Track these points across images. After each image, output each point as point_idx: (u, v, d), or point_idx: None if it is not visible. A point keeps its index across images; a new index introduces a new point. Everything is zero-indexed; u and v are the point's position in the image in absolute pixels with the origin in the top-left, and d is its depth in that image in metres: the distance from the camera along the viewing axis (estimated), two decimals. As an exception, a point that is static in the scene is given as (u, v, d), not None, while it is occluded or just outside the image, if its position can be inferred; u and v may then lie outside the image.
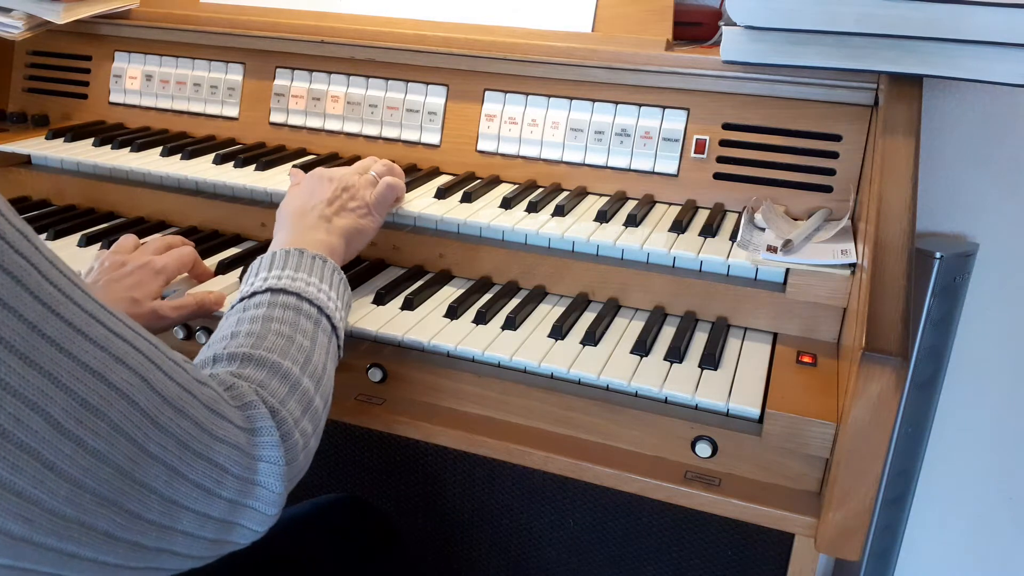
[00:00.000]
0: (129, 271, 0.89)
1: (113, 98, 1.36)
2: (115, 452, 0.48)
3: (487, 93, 1.16)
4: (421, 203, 1.05)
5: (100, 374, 0.47)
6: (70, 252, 1.08)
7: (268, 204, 1.14)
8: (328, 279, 0.78)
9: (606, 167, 1.12)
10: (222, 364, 0.65)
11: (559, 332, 0.90)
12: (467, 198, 1.05)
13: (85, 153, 1.19)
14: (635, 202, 1.08)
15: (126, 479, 0.49)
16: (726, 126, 1.06)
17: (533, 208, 1.03)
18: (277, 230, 0.88)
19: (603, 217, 1.01)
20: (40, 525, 0.45)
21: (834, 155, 1.02)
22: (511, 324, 0.91)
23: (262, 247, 1.11)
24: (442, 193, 1.06)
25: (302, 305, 0.73)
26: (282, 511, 0.99)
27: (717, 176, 1.07)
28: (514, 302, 0.97)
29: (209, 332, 0.98)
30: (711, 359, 0.85)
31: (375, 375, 0.91)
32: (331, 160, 1.19)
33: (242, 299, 0.74)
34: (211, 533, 0.57)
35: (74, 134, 1.25)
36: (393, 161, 1.19)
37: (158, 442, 0.51)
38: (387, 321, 0.91)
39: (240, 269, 1.04)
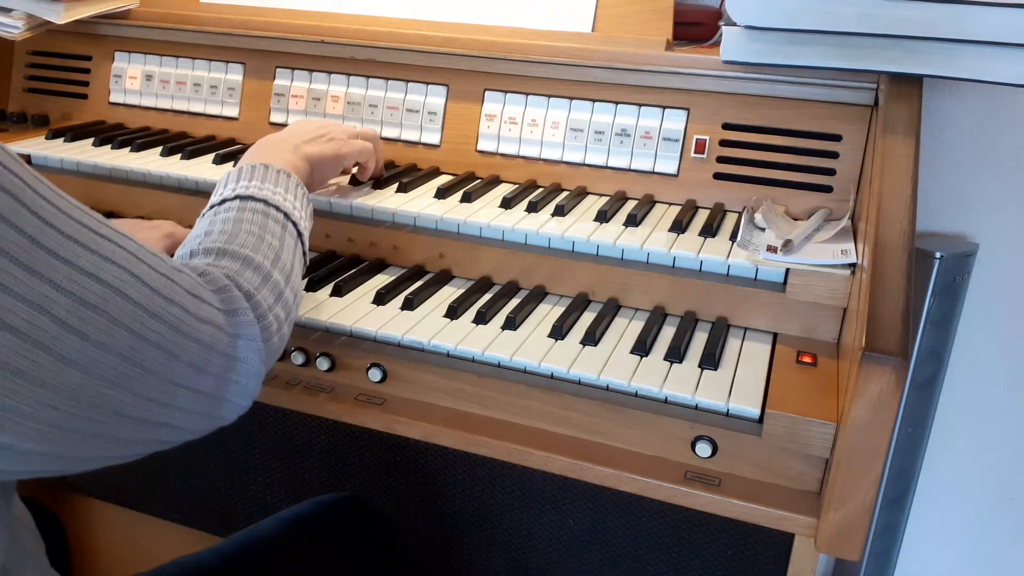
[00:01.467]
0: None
1: (113, 98, 1.37)
2: (116, 342, 0.53)
3: (487, 93, 1.16)
4: (421, 203, 1.05)
5: (94, 275, 0.52)
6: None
7: (268, 204, 1.14)
8: (293, 191, 0.82)
9: (606, 167, 1.12)
10: (198, 258, 0.69)
11: (559, 332, 0.90)
12: (467, 198, 1.05)
13: (85, 153, 1.19)
14: (635, 202, 1.08)
15: (128, 364, 0.54)
16: (726, 126, 1.06)
17: (533, 208, 1.03)
18: (248, 153, 0.91)
19: (603, 217, 1.01)
20: (63, 411, 0.51)
21: (834, 155, 1.02)
22: (511, 324, 0.91)
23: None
24: (442, 193, 1.06)
25: (269, 210, 0.76)
26: (280, 514, 1.00)
27: (717, 176, 1.07)
28: (514, 302, 0.97)
29: None
30: (711, 359, 0.85)
31: (375, 375, 0.91)
32: (331, 160, 1.19)
33: (211, 207, 0.78)
34: (203, 408, 0.62)
35: (74, 134, 1.25)
36: (393, 161, 1.20)
37: (154, 329, 0.56)
38: (387, 321, 0.91)
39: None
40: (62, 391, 0.51)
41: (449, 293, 1.00)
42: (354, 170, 1.08)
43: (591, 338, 0.89)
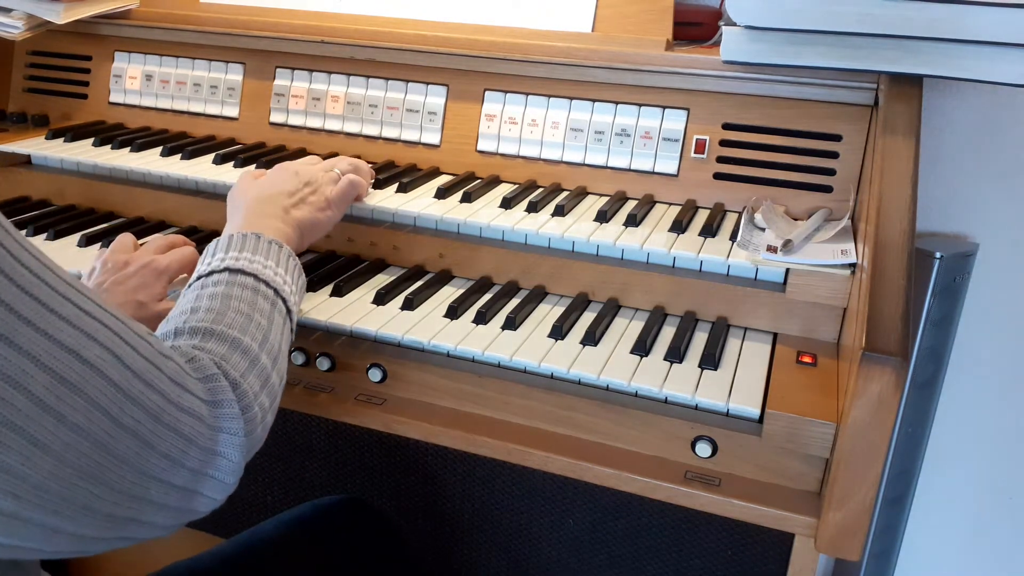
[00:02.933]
0: (132, 272, 0.88)
1: (113, 98, 1.36)
2: (93, 426, 0.49)
3: (487, 93, 1.16)
4: (421, 203, 1.04)
5: (75, 351, 0.48)
6: (70, 252, 1.08)
7: (268, 204, 1.14)
8: (284, 264, 0.79)
9: (606, 167, 1.12)
10: (183, 338, 0.66)
11: (559, 332, 0.90)
12: (467, 198, 1.05)
13: (85, 153, 1.19)
14: (635, 202, 1.08)
15: (103, 452, 0.50)
16: (726, 126, 1.06)
17: (533, 208, 1.03)
18: (232, 213, 0.88)
19: (603, 217, 1.00)
20: (27, 500, 0.47)
21: (834, 155, 1.02)
22: (511, 324, 0.91)
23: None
24: (442, 193, 1.06)
25: (259, 286, 0.74)
26: (280, 515, 1.00)
27: (717, 176, 1.07)
28: (514, 302, 0.97)
29: None
30: (711, 359, 0.85)
31: (375, 375, 0.91)
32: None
33: (199, 277, 0.75)
34: (175, 501, 0.58)
35: (74, 134, 1.25)
36: (392, 161, 1.20)
37: (131, 415, 0.52)
38: (387, 321, 0.91)
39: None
40: (30, 479, 0.47)
41: (449, 293, 1.00)
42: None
43: (591, 338, 0.89)
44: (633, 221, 1.00)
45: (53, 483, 0.48)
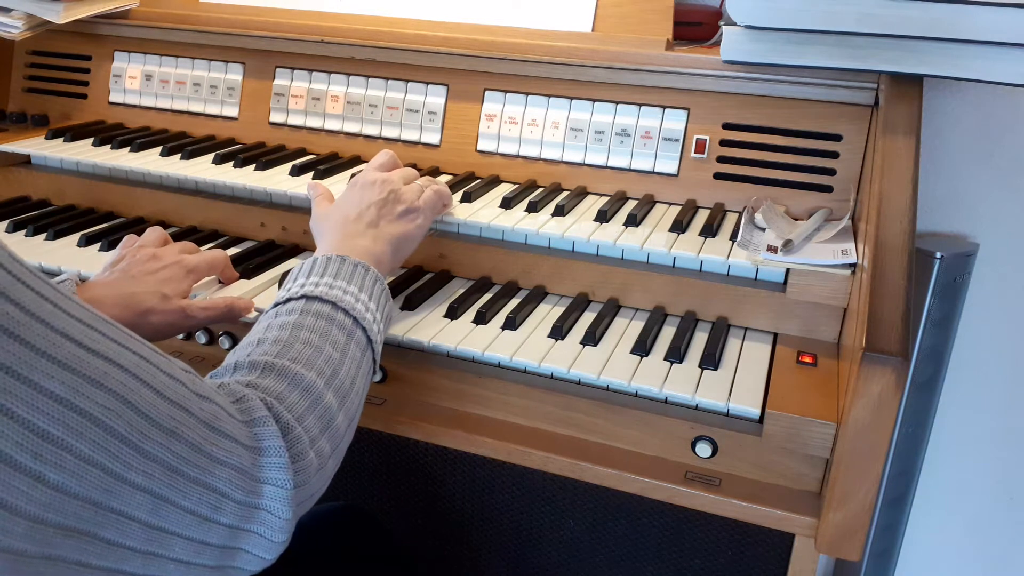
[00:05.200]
0: (163, 265, 0.87)
1: (113, 98, 1.36)
2: (84, 484, 0.44)
3: (487, 93, 1.16)
4: (421, 203, 1.04)
5: (67, 401, 0.43)
6: (69, 252, 1.08)
7: (268, 204, 1.14)
8: (368, 289, 0.74)
9: (606, 167, 1.12)
10: (242, 372, 0.61)
11: (559, 332, 0.89)
12: (467, 198, 1.05)
13: (85, 153, 1.19)
14: (635, 202, 1.08)
15: (99, 509, 0.45)
16: (726, 126, 1.06)
17: (533, 208, 1.03)
18: (319, 238, 0.85)
19: (603, 217, 1.00)
20: None
21: (834, 155, 1.02)
22: (511, 324, 0.91)
23: (262, 247, 1.11)
24: (442, 193, 1.06)
25: (336, 315, 0.69)
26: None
27: (717, 176, 1.07)
28: (514, 302, 0.97)
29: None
30: (711, 359, 0.85)
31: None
32: (331, 160, 1.19)
33: (275, 305, 0.71)
34: (210, 560, 0.53)
35: (74, 134, 1.25)
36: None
37: (141, 470, 0.47)
38: (387, 321, 0.91)
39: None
40: None
41: (449, 293, 1.00)
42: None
43: (591, 338, 0.89)
44: (633, 221, 1.00)
45: (29, 544, 0.42)
